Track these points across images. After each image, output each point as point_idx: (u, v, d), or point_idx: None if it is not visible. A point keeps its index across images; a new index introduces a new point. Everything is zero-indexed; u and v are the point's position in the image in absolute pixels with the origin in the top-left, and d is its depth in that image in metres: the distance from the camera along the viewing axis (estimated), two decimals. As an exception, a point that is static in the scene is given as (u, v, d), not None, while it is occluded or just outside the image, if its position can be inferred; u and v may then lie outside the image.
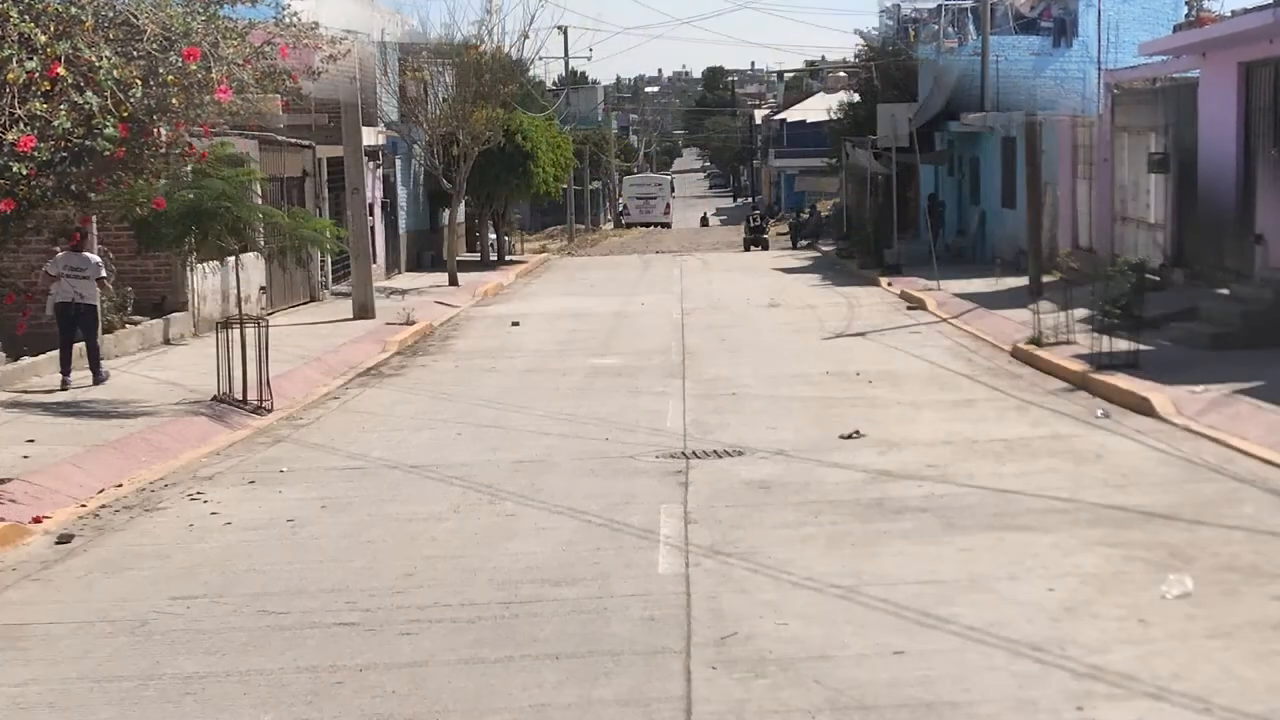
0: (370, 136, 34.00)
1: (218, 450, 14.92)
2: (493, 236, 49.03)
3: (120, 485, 13.14)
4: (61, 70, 11.88)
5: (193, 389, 17.82)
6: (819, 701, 7.19)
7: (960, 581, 9.17)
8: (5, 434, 14.84)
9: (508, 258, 48.76)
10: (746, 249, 53.91)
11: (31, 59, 11.68)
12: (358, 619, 8.85)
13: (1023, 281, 26.24)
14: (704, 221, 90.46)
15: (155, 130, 13.67)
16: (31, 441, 14.41)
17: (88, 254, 18.58)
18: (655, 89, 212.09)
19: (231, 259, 21.01)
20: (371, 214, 34.54)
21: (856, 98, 56.73)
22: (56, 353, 18.37)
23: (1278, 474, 11.97)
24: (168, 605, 9.32)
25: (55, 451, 13.94)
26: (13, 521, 11.32)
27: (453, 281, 36.06)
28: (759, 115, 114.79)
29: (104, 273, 18.70)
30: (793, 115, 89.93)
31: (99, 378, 18.36)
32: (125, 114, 12.47)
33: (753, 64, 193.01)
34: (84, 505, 12.34)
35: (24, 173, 11.89)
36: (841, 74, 75.52)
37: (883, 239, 36.58)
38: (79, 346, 18.37)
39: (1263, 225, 20.27)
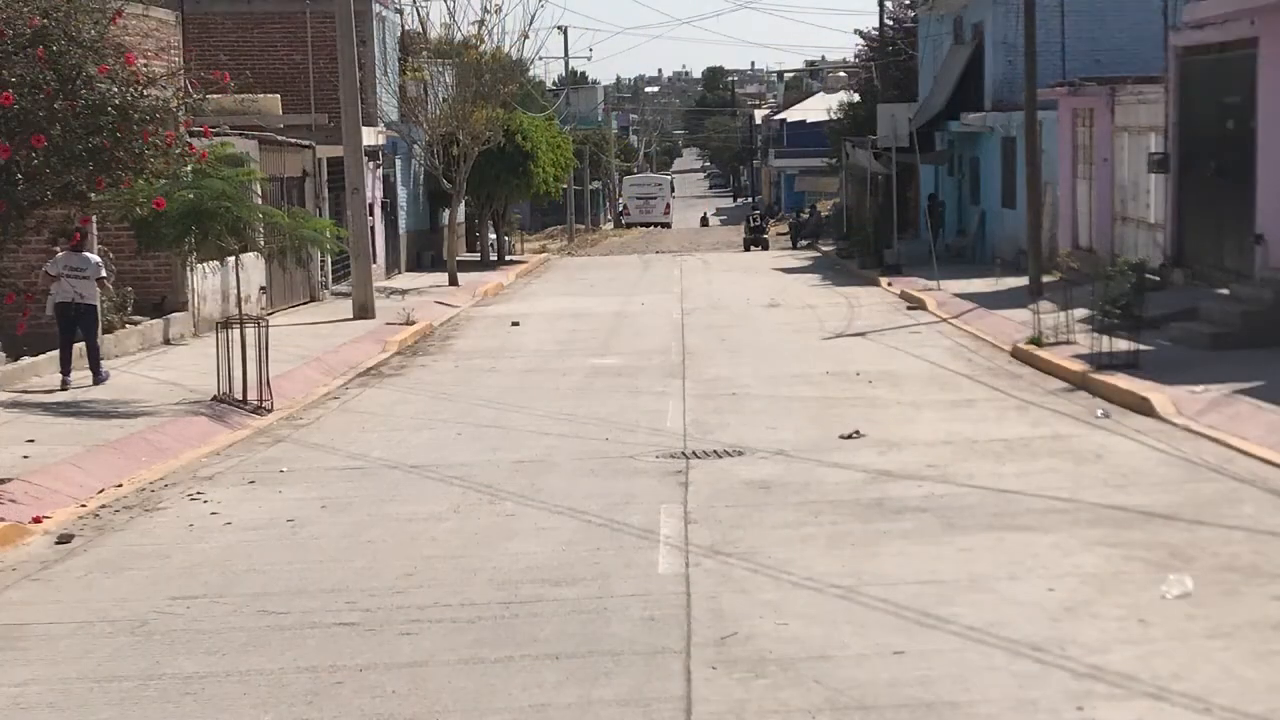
0: (370, 136, 34.00)
1: (218, 450, 14.92)
2: (493, 236, 49.02)
3: (120, 485, 13.14)
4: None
5: (193, 389, 17.82)
6: (819, 701, 7.19)
7: (960, 581, 9.17)
8: (5, 434, 14.84)
9: (508, 258, 48.74)
10: (746, 249, 53.88)
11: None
12: (358, 619, 8.85)
13: (1023, 281, 26.22)
14: (704, 221, 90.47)
15: (154, 129, 13.69)
16: (31, 441, 14.41)
17: (88, 254, 18.57)
18: (655, 89, 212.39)
19: (231, 259, 21.03)
20: (371, 214, 34.53)
21: (856, 98, 56.76)
22: (56, 353, 18.36)
23: (1278, 474, 11.97)
24: (168, 605, 9.33)
25: (55, 451, 13.94)
26: (13, 521, 11.32)
27: (453, 281, 36.05)
28: (759, 115, 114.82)
29: (104, 273, 18.69)
30: (793, 115, 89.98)
31: (99, 378, 18.35)
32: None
33: (753, 64, 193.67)
34: (84, 505, 12.34)
35: (19, 176, 11.92)
36: (841, 74, 75.63)
37: (883, 239, 36.56)
38: (79, 346, 18.35)
39: (1263, 225, 20.24)
